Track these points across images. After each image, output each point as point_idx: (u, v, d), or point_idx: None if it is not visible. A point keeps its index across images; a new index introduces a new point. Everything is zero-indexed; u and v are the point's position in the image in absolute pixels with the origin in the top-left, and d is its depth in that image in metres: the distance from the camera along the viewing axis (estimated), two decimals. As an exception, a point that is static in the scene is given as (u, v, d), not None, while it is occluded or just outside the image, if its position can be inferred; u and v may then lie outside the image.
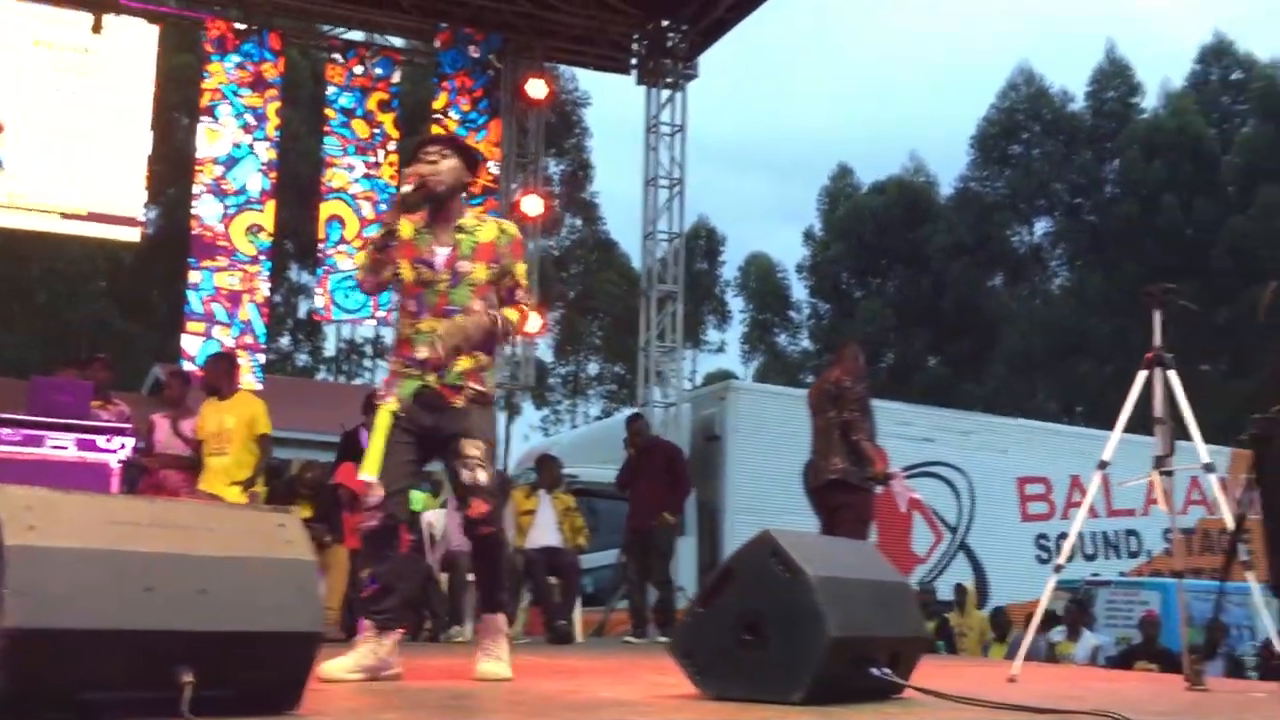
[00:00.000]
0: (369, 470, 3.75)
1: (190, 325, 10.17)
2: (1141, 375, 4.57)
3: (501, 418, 37.60)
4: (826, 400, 7.25)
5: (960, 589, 12.08)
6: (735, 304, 45.28)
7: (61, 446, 6.95)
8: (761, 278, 44.81)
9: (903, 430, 12.96)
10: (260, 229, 10.48)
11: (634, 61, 11.81)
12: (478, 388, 3.85)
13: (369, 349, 40.33)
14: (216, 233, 10.31)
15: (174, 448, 7.99)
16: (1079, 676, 5.59)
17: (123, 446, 7.21)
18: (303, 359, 38.67)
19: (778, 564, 3.24)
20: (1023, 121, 41.53)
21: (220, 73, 10.49)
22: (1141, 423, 4.69)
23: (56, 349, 31.50)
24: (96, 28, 10.06)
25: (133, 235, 10.47)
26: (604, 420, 32.90)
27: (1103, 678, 5.86)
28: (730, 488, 12.53)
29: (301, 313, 37.62)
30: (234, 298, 10.24)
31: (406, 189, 3.85)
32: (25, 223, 10.14)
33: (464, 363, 3.81)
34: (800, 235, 45.00)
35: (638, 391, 11.69)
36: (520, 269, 4.02)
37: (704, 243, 43.05)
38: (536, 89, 11.23)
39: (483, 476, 3.78)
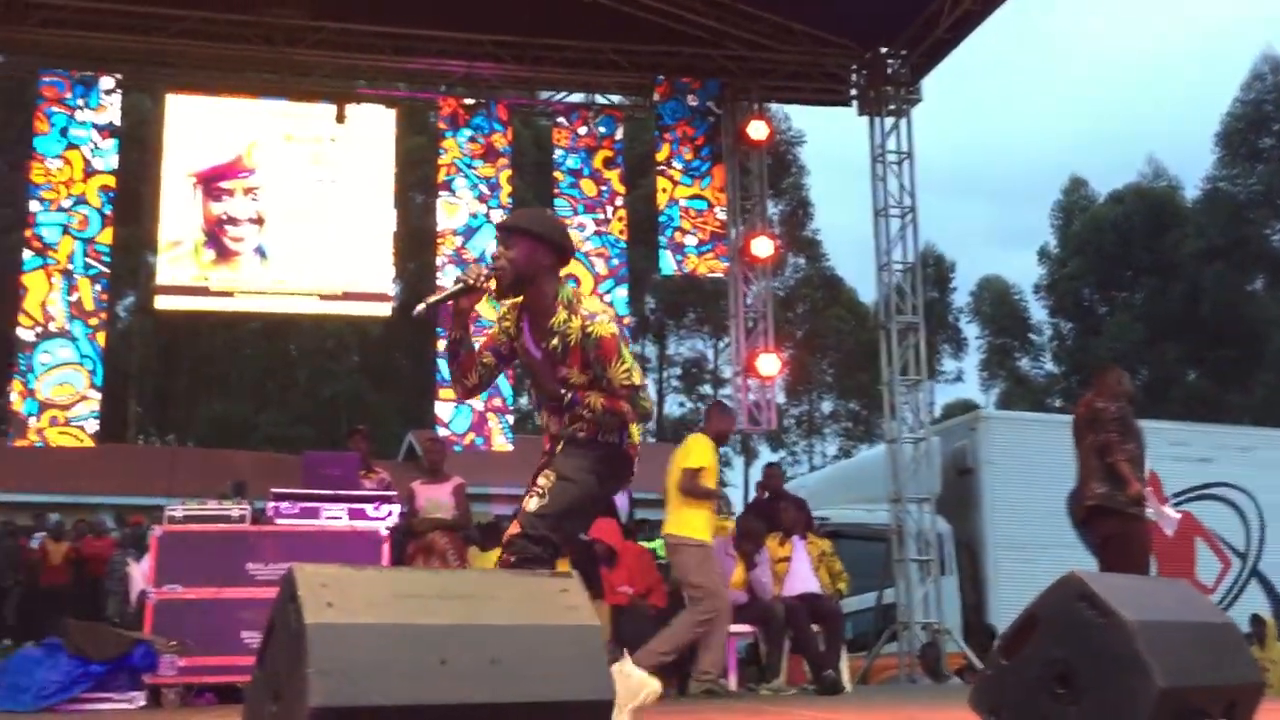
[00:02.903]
0: None
1: (442, 392, 10.52)
2: None
3: (738, 462, 37.42)
4: (1084, 425, 6.97)
5: (1257, 620, 11.08)
6: (970, 331, 43.87)
7: (336, 517, 7.28)
8: (996, 301, 43.23)
9: (1179, 451, 12.09)
10: (500, 294, 10.76)
11: (853, 92, 11.60)
12: (578, 434, 3.78)
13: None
14: (460, 301, 10.64)
15: (436, 511, 8.25)
16: None
17: (389, 514, 7.49)
18: (541, 417, 39.67)
19: (1089, 608, 2.95)
20: (1272, 112, 38.67)
21: (454, 148, 10.91)
22: None
23: (316, 424, 33.53)
24: (340, 118, 10.64)
25: (384, 310, 10.99)
26: (849, 459, 32.32)
27: None
28: (989, 523, 11.99)
29: (537, 372, 38.72)
30: (480, 363, 10.53)
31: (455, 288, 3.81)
32: (288, 306, 10.80)
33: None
34: (1034, 254, 43.25)
35: (884, 427, 11.35)
36: (616, 371, 3.71)
37: (933, 270, 41.95)
38: (757, 130, 11.18)
39: (532, 503, 3.66)
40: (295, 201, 10.61)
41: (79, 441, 9.91)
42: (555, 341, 3.74)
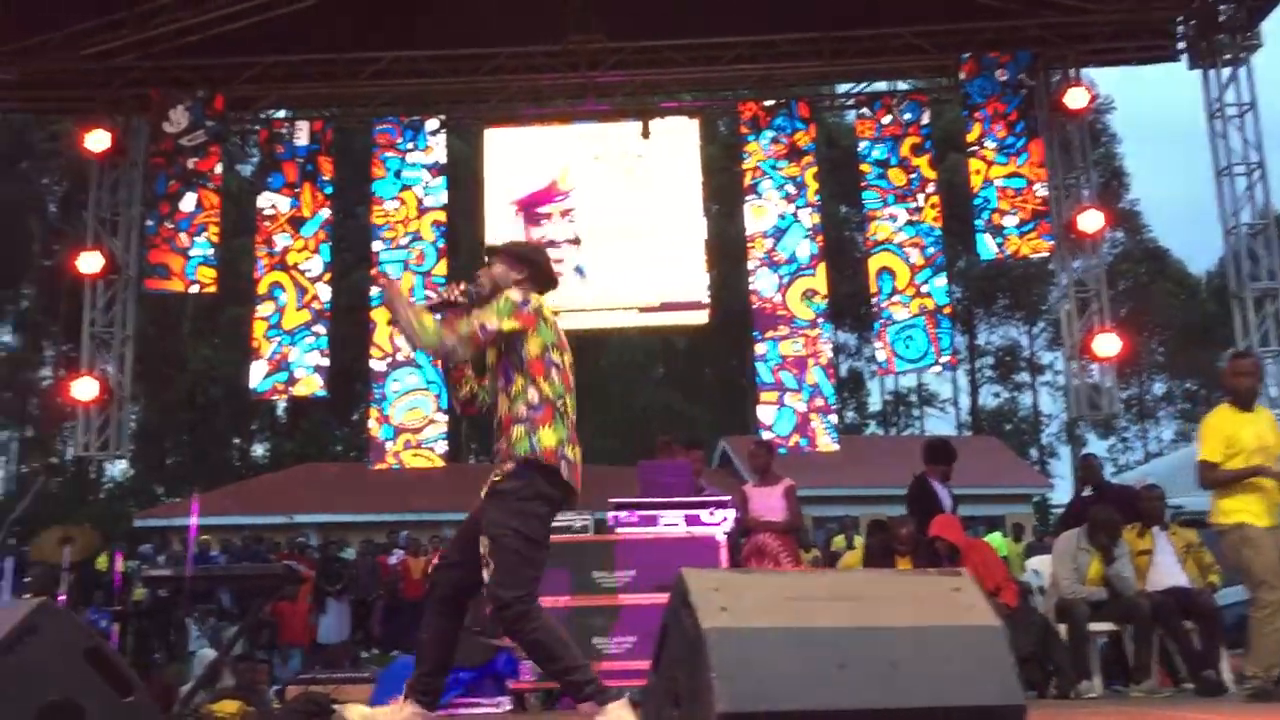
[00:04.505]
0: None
1: (763, 395, 10.52)
2: None
3: (1065, 452, 35.44)
4: None
5: None
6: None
7: (673, 524, 7.37)
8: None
9: None
10: (815, 293, 10.68)
11: (1181, 45, 10.72)
12: (493, 478, 3.99)
13: (914, 398, 40.14)
14: (775, 303, 10.65)
15: (768, 514, 8.23)
16: None
17: (724, 519, 7.50)
18: (850, 416, 39.20)
19: None
20: None
21: (758, 151, 10.92)
22: None
23: (629, 436, 34.50)
24: (645, 133, 10.87)
25: (701, 318, 11.08)
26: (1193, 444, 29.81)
27: None
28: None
29: (844, 370, 38.34)
30: (799, 363, 10.48)
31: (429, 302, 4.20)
32: (606, 322, 11.12)
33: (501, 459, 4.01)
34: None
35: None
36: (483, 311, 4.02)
37: (1274, 231, 38.43)
38: (1075, 98, 10.52)
39: (485, 575, 3.88)
40: (609, 219, 10.92)
41: (430, 462, 10.58)
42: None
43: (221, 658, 7.83)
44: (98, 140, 10.92)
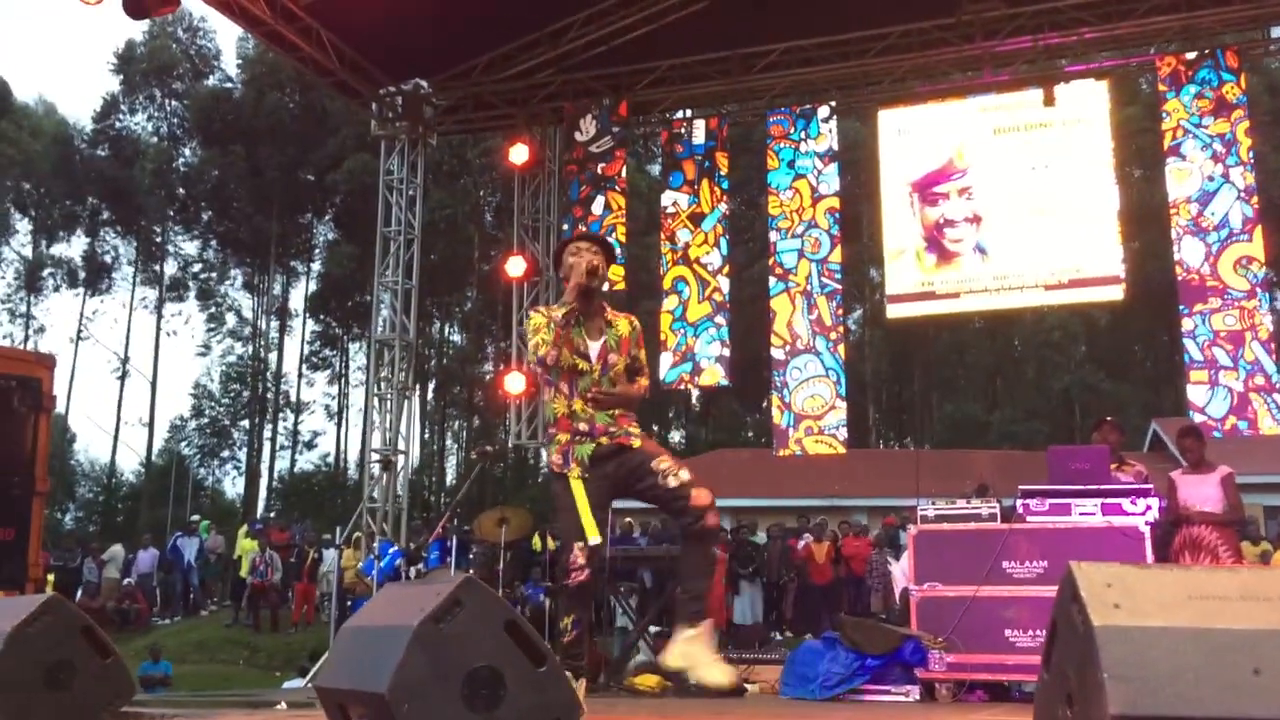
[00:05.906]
0: (593, 534, 4.16)
1: (1193, 374, 9.68)
2: None
3: None
4: None
5: None
6: None
7: (1088, 513, 6.94)
8: None
9: None
10: (1251, 260, 9.67)
11: None
12: (640, 431, 4.31)
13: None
14: (1203, 274, 9.75)
15: (1200, 504, 7.57)
16: None
17: (1148, 509, 6.97)
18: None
19: None
20: None
21: (1179, 109, 10.04)
22: None
23: (1048, 419, 32.80)
24: (1048, 101, 10.29)
25: (1115, 293, 10.38)
26: None
27: None
28: None
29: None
30: (1235, 338, 9.54)
31: (585, 278, 4.31)
32: (1013, 301, 10.66)
33: (628, 423, 4.28)
34: None
35: None
36: (642, 355, 4.43)
37: None
38: None
39: (685, 474, 4.12)
40: (1010, 194, 10.47)
41: (831, 449, 10.63)
42: (611, 334, 4.37)
43: (640, 634, 8.33)
44: (519, 153, 11.92)
